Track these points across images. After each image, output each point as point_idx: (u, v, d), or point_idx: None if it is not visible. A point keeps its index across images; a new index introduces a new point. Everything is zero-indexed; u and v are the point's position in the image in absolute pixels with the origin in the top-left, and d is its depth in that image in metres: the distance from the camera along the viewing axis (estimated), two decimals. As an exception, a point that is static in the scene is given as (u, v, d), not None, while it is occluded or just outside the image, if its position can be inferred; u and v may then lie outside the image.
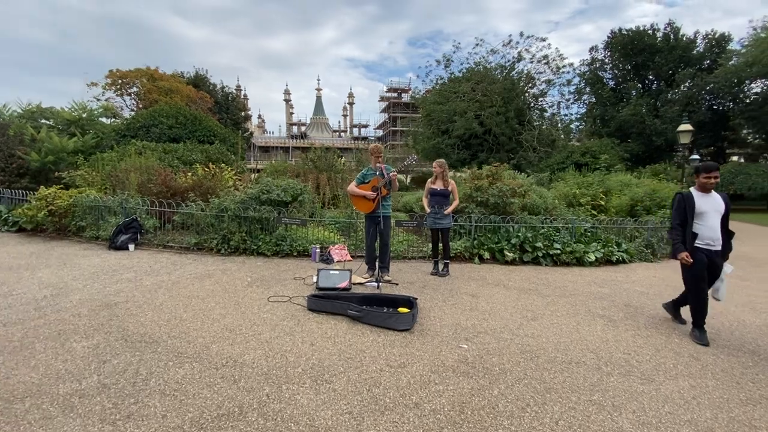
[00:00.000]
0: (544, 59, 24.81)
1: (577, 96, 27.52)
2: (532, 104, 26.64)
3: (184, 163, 11.30)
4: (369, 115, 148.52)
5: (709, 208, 3.49)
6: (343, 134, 67.66)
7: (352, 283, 4.61)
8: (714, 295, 3.59)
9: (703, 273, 3.49)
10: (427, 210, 5.46)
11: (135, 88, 26.78)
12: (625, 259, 6.76)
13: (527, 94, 26.19)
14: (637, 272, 6.20)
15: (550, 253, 6.39)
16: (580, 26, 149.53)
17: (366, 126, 65.24)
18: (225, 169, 10.19)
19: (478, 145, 24.41)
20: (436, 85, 27.57)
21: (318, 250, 6.19)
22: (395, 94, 55.44)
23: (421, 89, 30.70)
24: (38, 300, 4.01)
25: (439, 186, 5.42)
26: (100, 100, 23.72)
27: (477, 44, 30.81)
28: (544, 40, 25.33)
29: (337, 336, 3.28)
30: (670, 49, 28.43)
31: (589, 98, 30.64)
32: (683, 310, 3.91)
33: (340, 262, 6.08)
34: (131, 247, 6.62)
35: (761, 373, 2.91)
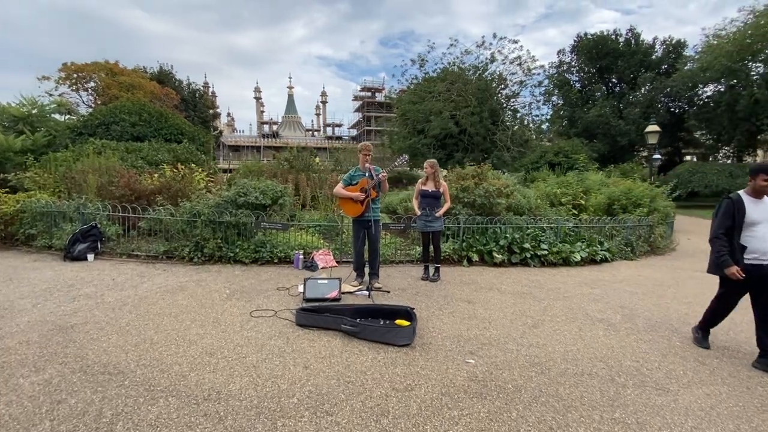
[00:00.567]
0: (517, 60, 25.30)
1: (546, 97, 28.35)
2: (505, 105, 27.12)
3: (149, 164, 10.53)
4: (342, 114, 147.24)
5: (762, 216, 2.99)
6: (316, 133, 66.49)
7: (341, 293, 4.31)
8: None
9: (745, 292, 3.10)
10: (417, 212, 5.23)
11: (92, 83, 25.04)
12: (608, 258, 6.85)
13: (500, 95, 26.61)
14: (621, 271, 6.26)
15: (538, 254, 6.35)
16: (546, 30, 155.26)
17: (340, 125, 64.48)
18: (195, 170, 9.56)
19: (453, 145, 24.54)
20: (411, 85, 27.48)
21: (301, 257, 5.82)
22: (369, 94, 55.10)
23: (396, 88, 30.59)
24: (-24, 325, 3.44)
25: (430, 187, 5.19)
26: (52, 95, 21.86)
27: (452, 44, 31.14)
28: (517, 41, 25.90)
29: (333, 355, 2.98)
30: (632, 53, 29.92)
31: (558, 100, 31.69)
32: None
33: (326, 268, 5.74)
34: (90, 257, 5.98)
35: (766, 376, 2.90)
